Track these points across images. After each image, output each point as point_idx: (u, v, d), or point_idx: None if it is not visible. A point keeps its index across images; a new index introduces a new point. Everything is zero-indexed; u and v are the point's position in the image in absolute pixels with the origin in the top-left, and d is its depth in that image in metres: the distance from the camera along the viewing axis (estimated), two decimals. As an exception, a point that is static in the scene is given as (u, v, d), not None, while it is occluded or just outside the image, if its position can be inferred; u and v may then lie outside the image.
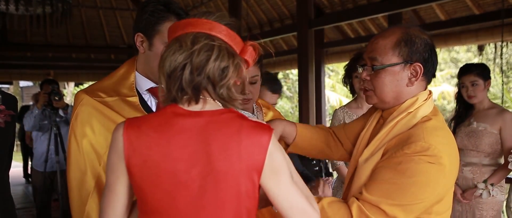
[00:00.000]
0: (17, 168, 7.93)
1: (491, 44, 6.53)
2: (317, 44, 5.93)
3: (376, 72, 1.33)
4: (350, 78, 2.84)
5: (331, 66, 13.49)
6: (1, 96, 2.06)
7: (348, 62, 2.88)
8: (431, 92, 1.37)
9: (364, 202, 1.22)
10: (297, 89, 2.71)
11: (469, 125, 2.92)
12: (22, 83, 15.61)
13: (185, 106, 1.09)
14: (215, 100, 1.10)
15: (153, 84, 1.53)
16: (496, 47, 5.63)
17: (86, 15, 8.59)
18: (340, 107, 2.93)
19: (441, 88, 12.67)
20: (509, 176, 2.94)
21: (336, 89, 13.03)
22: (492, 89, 10.39)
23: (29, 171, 6.59)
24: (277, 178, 1.07)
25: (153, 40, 1.46)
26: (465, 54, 14.16)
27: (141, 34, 1.48)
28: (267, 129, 1.07)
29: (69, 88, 15.35)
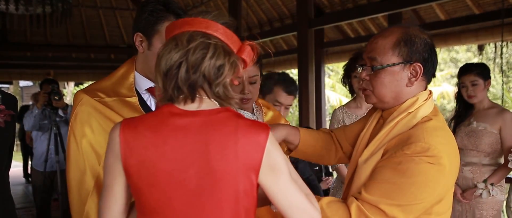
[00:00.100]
0: (17, 168, 7.94)
1: (491, 44, 6.53)
2: (317, 44, 5.93)
3: (375, 72, 1.33)
4: (349, 78, 2.84)
5: (331, 66, 13.50)
6: (1, 96, 2.06)
7: (347, 62, 2.88)
8: (431, 92, 1.37)
9: (363, 202, 1.22)
10: (297, 89, 2.70)
11: (469, 124, 2.92)
12: (22, 83, 15.61)
13: (181, 105, 1.09)
14: (212, 99, 1.10)
15: (152, 84, 1.53)
16: (496, 47, 5.63)
17: (86, 15, 8.60)
18: (339, 107, 2.93)
19: (441, 88, 12.67)
20: (509, 175, 2.94)
21: (336, 89, 13.04)
22: (492, 89, 10.40)
23: (29, 170, 6.59)
24: (275, 176, 1.07)
25: (153, 40, 1.46)
26: (465, 54, 14.16)
27: (141, 34, 1.48)
28: (264, 128, 1.07)
29: (69, 88, 15.35)
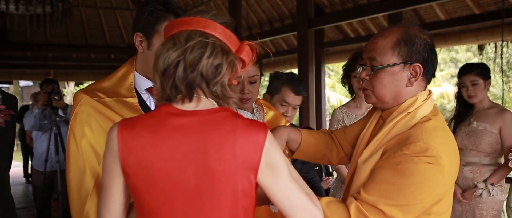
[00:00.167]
0: (17, 168, 7.94)
1: (491, 44, 6.53)
2: (317, 44, 5.94)
3: (375, 72, 1.32)
4: (348, 78, 2.83)
5: (331, 66, 13.50)
6: (1, 96, 2.06)
7: (346, 62, 2.88)
8: (430, 92, 1.36)
9: (362, 202, 1.21)
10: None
11: (469, 124, 2.92)
12: (22, 83, 15.61)
13: (179, 105, 1.09)
14: (209, 99, 1.09)
15: (152, 84, 1.53)
16: (496, 47, 5.63)
17: (86, 15, 8.60)
18: (338, 107, 2.93)
19: (441, 88, 12.67)
20: (509, 175, 2.94)
21: (336, 89, 13.04)
22: (492, 89, 10.39)
23: (29, 170, 6.59)
24: (275, 175, 1.07)
25: (152, 39, 1.46)
26: (465, 54, 14.16)
27: (140, 34, 1.47)
28: (262, 127, 1.07)
29: (69, 88, 15.36)
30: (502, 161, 2.87)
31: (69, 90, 15.22)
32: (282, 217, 1.19)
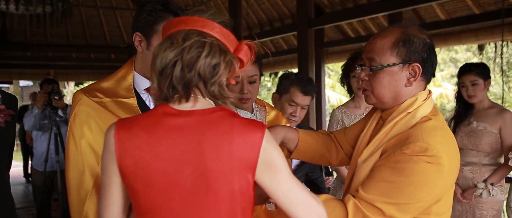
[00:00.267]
0: (17, 168, 7.94)
1: (491, 44, 6.53)
2: (317, 43, 5.94)
3: (374, 72, 1.33)
4: (347, 78, 2.83)
5: (331, 66, 13.50)
6: (1, 96, 2.06)
7: (345, 62, 2.88)
8: (430, 92, 1.36)
9: (361, 200, 1.21)
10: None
11: (469, 124, 2.92)
12: (22, 82, 15.62)
13: (175, 105, 1.08)
14: (207, 99, 1.09)
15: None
16: (496, 47, 5.63)
17: (86, 15, 8.60)
18: (337, 107, 2.93)
19: (441, 89, 12.67)
20: (509, 175, 2.94)
21: (336, 89, 13.05)
22: (492, 89, 10.39)
23: (29, 170, 6.59)
24: (273, 174, 1.06)
25: (151, 39, 1.46)
26: (464, 54, 14.16)
27: (139, 34, 1.47)
28: (260, 126, 1.06)
29: (69, 88, 15.37)
30: (502, 160, 2.87)
31: (69, 90, 15.22)
32: (280, 215, 1.19)
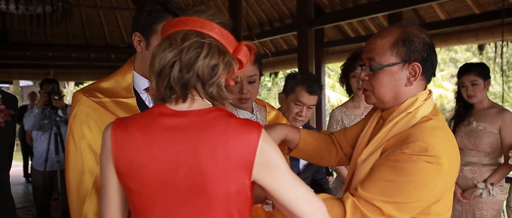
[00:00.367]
0: (17, 168, 7.94)
1: (491, 44, 6.53)
2: (317, 43, 5.93)
3: (374, 72, 1.33)
4: (346, 78, 2.83)
5: (331, 66, 13.50)
6: (1, 96, 2.06)
7: (345, 61, 2.88)
8: (431, 92, 1.36)
9: (359, 199, 1.21)
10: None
11: (468, 124, 2.92)
12: (22, 82, 15.62)
13: (172, 105, 1.08)
14: (204, 100, 1.08)
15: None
16: (496, 47, 5.63)
17: (86, 15, 8.60)
18: (337, 107, 2.92)
19: (441, 90, 12.67)
20: (509, 175, 2.94)
21: (336, 88, 13.04)
22: (492, 89, 10.39)
23: (29, 170, 6.60)
24: (273, 173, 1.05)
25: (150, 39, 1.46)
26: (464, 54, 14.16)
27: (139, 34, 1.47)
28: (256, 126, 1.05)
29: (69, 87, 15.37)
30: (502, 160, 2.87)
31: (69, 90, 15.22)
32: (279, 216, 1.19)
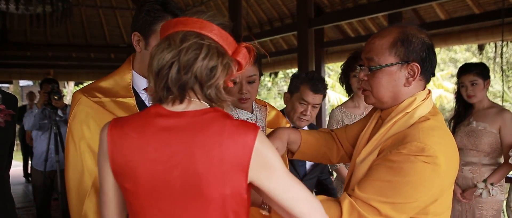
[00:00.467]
0: (17, 167, 7.94)
1: (491, 44, 6.53)
2: (317, 43, 5.93)
3: (373, 72, 1.33)
4: (346, 77, 2.82)
5: (331, 66, 13.49)
6: (1, 96, 2.06)
7: (345, 61, 2.88)
8: (430, 92, 1.36)
9: (356, 199, 1.21)
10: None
11: (468, 124, 2.92)
12: (22, 82, 15.62)
13: (168, 106, 1.07)
14: (201, 101, 1.07)
15: None
16: (496, 47, 5.63)
17: (86, 14, 8.60)
18: (337, 107, 2.92)
19: (442, 90, 12.65)
20: (509, 175, 2.94)
21: (336, 88, 13.02)
22: (491, 89, 10.39)
23: (29, 170, 6.59)
24: (269, 174, 1.04)
25: (149, 39, 1.46)
26: (464, 54, 14.16)
27: (138, 33, 1.48)
28: (252, 127, 1.04)
29: (69, 87, 15.36)
30: (501, 160, 2.88)
31: (69, 90, 15.22)
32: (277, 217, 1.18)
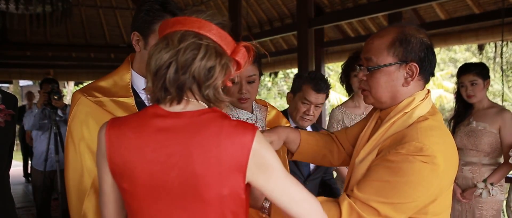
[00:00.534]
0: (17, 167, 7.94)
1: (491, 44, 6.53)
2: (317, 43, 5.93)
3: (371, 72, 1.33)
4: (347, 77, 2.82)
5: (331, 66, 13.49)
6: (1, 96, 2.06)
7: (346, 60, 2.88)
8: (429, 91, 1.36)
9: (356, 200, 1.21)
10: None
11: (468, 124, 2.92)
12: (22, 82, 15.62)
13: (166, 107, 1.06)
14: (199, 102, 1.06)
15: None
16: (496, 47, 5.63)
17: (86, 14, 8.60)
18: (337, 107, 2.92)
19: (442, 90, 12.64)
20: (509, 175, 2.94)
21: (336, 88, 13.02)
22: (491, 89, 10.38)
23: (29, 170, 6.59)
24: (267, 174, 1.04)
25: (149, 39, 1.46)
26: (463, 54, 14.16)
27: (137, 33, 1.48)
28: (250, 128, 1.03)
29: (69, 87, 15.36)
30: (501, 160, 2.88)
31: (69, 90, 15.21)
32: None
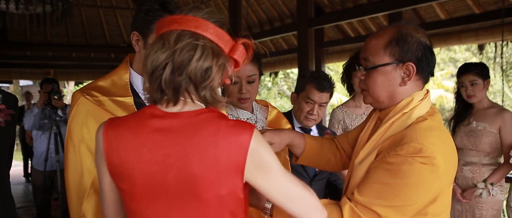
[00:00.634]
0: (17, 167, 7.94)
1: (491, 44, 6.53)
2: (317, 43, 5.93)
3: (368, 72, 1.33)
4: (348, 77, 2.82)
5: (331, 66, 13.48)
6: (1, 96, 2.07)
7: (347, 60, 2.87)
8: (428, 91, 1.36)
9: (357, 204, 1.21)
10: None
11: (468, 124, 2.92)
12: (22, 82, 15.61)
13: (163, 107, 1.06)
14: (196, 102, 1.06)
15: None
16: (496, 47, 5.63)
17: (86, 14, 8.60)
18: (338, 106, 2.91)
19: (442, 90, 12.63)
20: (509, 175, 2.94)
21: (336, 88, 13.00)
22: (491, 89, 10.38)
23: (29, 170, 6.60)
24: (265, 174, 1.04)
25: (148, 39, 1.45)
26: (463, 54, 14.15)
27: (137, 33, 1.48)
28: (247, 127, 1.02)
29: (69, 87, 15.36)
30: (501, 160, 2.87)
31: (69, 89, 15.21)
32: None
